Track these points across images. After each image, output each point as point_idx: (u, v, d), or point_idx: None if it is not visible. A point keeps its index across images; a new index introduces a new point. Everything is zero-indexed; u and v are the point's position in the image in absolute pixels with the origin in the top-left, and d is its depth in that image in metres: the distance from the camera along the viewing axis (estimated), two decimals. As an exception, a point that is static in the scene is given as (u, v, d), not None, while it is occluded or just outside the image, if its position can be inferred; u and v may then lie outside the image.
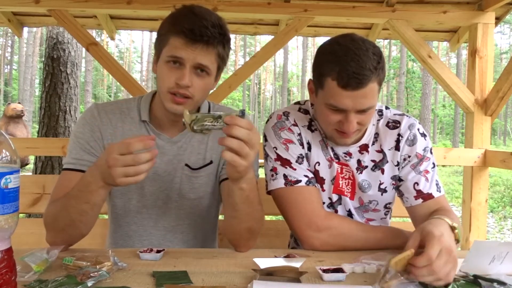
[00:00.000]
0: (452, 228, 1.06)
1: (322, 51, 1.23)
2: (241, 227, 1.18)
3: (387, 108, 1.40)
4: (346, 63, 1.13)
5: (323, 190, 1.36)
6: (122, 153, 0.97)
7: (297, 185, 1.29)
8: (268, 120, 1.41)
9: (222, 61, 1.23)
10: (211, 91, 1.57)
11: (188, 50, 1.15)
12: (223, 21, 1.20)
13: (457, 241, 1.06)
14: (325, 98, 1.21)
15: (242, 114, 0.98)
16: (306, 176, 1.31)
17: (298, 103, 1.43)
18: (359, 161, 1.34)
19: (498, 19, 2.93)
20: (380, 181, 1.34)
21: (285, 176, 1.30)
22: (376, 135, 1.36)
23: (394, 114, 1.38)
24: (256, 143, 0.98)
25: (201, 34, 1.13)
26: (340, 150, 1.35)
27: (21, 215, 2.90)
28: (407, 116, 1.37)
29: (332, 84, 1.17)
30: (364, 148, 1.34)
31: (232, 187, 1.09)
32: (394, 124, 1.36)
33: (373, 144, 1.35)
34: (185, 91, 1.17)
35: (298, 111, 1.39)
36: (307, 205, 1.27)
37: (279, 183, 1.30)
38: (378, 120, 1.37)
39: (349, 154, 1.35)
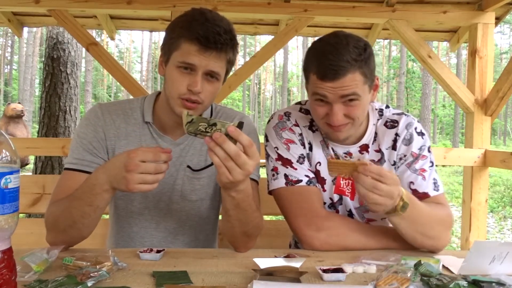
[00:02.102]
0: (402, 199, 1.10)
1: (308, 49, 1.27)
2: (236, 231, 1.18)
3: (387, 107, 1.40)
4: (324, 57, 1.17)
5: (324, 190, 1.36)
6: (145, 160, 0.99)
7: (298, 184, 1.29)
8: (269, 120, 1.41)
9: (230, 65, 1.24)
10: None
11: (201, 57, 1.15)
12: (232, 26, 1.20)
13: (395, 208, 1.10)
14: (311, 90, 1.24)
15: (240, 126, 0.96)
16: (307, 176, 1.31)
17: (299, 103, 1.43)
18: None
19: (498, 19, 2.93)
20: None
21: (286, 176, 1.30)
22: (375, 135, 1.36)
23: (393, 114, 1.38)
24: (247, 166, 0.97)
25: (215, 41, 1.13)
26: (340, 150, 1.35)
27: (21, 215, 2.90)
28: (405, 115, 1.37)
29: (314, 77, 1.20)
30: (364, 148, 1.34)
31: (223, 193, 1.09)
32: (392, 124, 1.36)
33: (372, 143, 1.36)
34: (196, 97, 1.17)
35: (299, 111, 1.39)
36: (307, 205, 1.27)
37: (280, 182, 1.30)
38: (378, 119, 1.37)
39: (349, 154, 1.35)
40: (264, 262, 1.00)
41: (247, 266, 1.06)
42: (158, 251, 1.12)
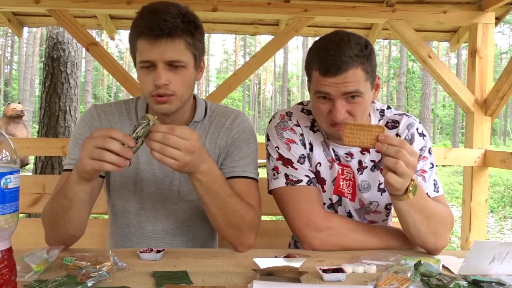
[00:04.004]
0: (412, 180, 1.10)
1: (310, 48, 1.28)
2: (218, 221, 1.17)
3: (389, 108, 1.40)
4: (326, 53, 1.18)
5: (324, 191, 1.36)
6: (100, 135, 0.97)
7: (298, 184, 1.29)
8: (271, 119, 1.41)
9: (195, 48, 1.19)
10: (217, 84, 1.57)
11: (153, 49, 1.13)
12: (186, 9, 1.17)
13: (407, 190, 1.11)
14: (313, 88, 1.24)
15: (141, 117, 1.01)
16: (307, 176, 1.31)
17: (301, 103, 1.43)
18: (360, 162, 1.34)
19: (498, 19, 2.93)
20: (379, 181, 1.34)
21: (286, 176, 1.30)
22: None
23: (394, 114, 1.38)
24: (181, 143, 0.99)
25: (161, 28, 1.11)
26: (341, 151, 1.35)
27: (21, 215, 2.90)
28: (407, 115, 1.37)
29: (316, 74, 1.21)
30: (365, 149, 1.34)
31: (191, 180, 1.10)
32: (393, 124, 1.35)
33: None
34: (164, 90, 1.16)
35: (301, 111, 1.39)
36: (307, 205, 1.27)
37: (281, 182, 1.30)
38: (380, 120, 1.37)
39: (350, 154, 1.34)
40: (264, 262, 1.00)
41: (247, 266, 1.06)
42: (158, 251, 1.12)
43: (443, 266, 1.08)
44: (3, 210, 0.75)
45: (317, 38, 1.29)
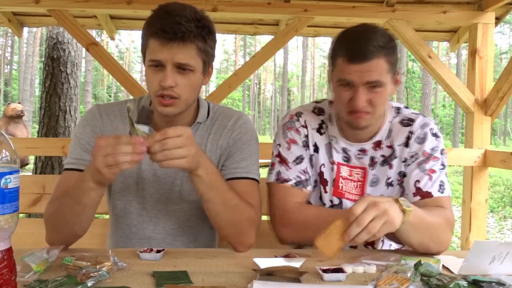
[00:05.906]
0: (402, 211, 1.03)
1: (336, 38, 1.29)
2: (220, 219, 1.18)
3: (406, 107, 1.42)
4: (353, 41, 1.21)
5: (326, 192, 1.38)
6: (108, 144, 0.98)
7: (284, 183, 1.34)
8: (283, 117, 1.46)
9: (206, 54, 1.20)
10: (213, 86, 1.57)
11: (164, 50, 1.13)
12: (202, 14, 1.18)
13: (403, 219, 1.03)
14: (336, 75, 1.25)
15: (142, 112, 1.04)
16: (298, 177, 1.34)
17: (315, 101, 1.46)
18: (372, 158, 1.36)
19: (498, 19, 2.93)
20: (387, 176, 1.35)
21: (278, 173, 1.35)
22: (390, 132, 1.36)
23: (411, 113, 1.39)
24: (180, 143, 1.00)
25: (174, 32, 1.11)
26: (354, 148, 1.36)
27: (21, 215, 2.90)
28: (423, 116, 1.38)
29: (341, 61, 1.22)
30: (378, 145, 1.36)
31: (191, 177, 1.11)
32: (408, 122, 1.36)
33: (386, 139, 1.36)
34: (170, 91, 1.16)
35: (313, 111, 1.41)
36: (286, 203, 1.32)
37: (272, 178, 1.37)
38: (395, 117, 1.38)
39: (363, 151, 1.35)
40: (264, 262, 1.00)
41: (247, 266, 1.06)
42: (158, 251, 1.12)
43: (443, 266, 1.08)
44: (3, 210, 0.75)
45: (317, 38, 1.30)
